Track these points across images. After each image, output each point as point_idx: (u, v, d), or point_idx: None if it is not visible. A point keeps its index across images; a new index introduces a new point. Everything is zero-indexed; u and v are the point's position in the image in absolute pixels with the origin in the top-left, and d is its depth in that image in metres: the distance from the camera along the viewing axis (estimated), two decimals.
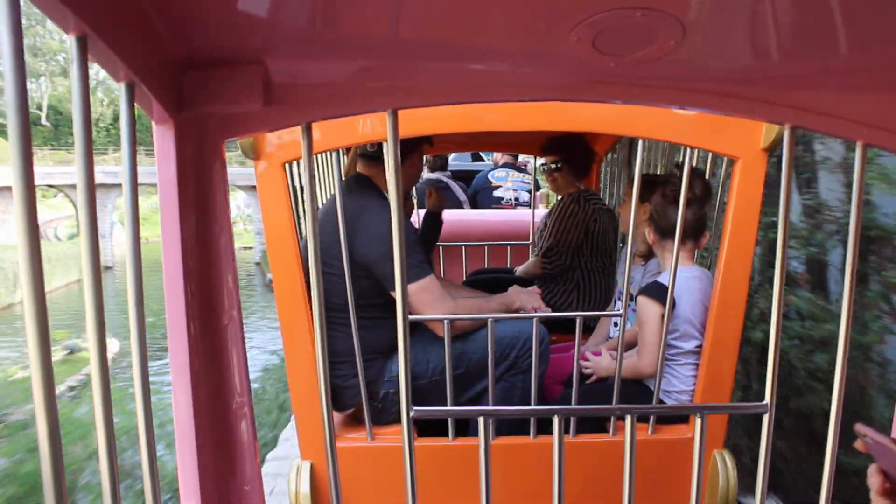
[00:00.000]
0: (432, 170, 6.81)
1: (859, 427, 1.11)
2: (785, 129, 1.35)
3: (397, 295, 1.40)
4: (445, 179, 6.71)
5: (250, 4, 1.08)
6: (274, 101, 1.22)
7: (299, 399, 2.83)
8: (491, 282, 4.34)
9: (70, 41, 0.84)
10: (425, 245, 4.27)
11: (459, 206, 6.66)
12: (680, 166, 2.91)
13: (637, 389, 2.89)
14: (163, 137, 1.18)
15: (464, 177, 7.25)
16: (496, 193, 6.71)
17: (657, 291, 2.82)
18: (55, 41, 58.71)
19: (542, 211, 5.39)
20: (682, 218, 2.53)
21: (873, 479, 1.10)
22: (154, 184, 1.19)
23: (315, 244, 1.34)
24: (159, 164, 1.19)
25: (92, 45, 0.85)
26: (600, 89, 1.33)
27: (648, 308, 2.82)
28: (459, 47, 1.25)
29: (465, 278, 4.91)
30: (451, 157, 8.71)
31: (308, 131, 1.30)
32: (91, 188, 0.89)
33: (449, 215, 6.13)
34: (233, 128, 1.25)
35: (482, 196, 6.83)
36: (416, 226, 4.47)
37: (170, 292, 1.20)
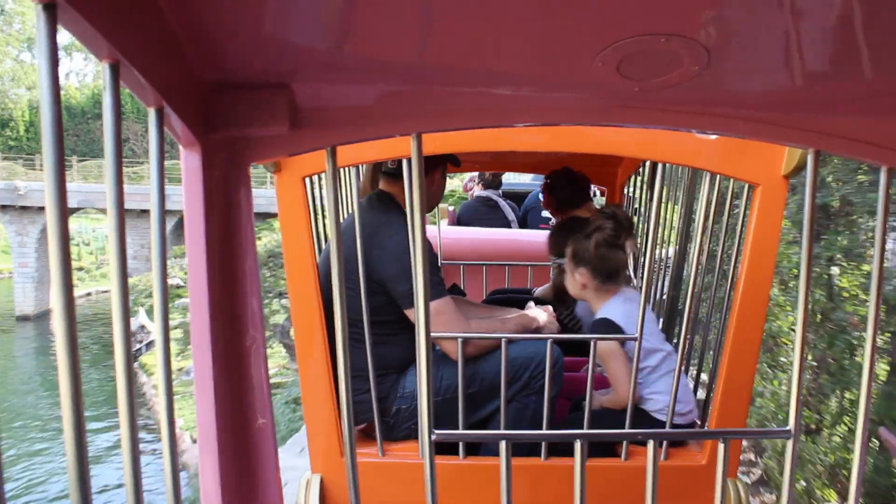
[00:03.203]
0: (485, 187, 6.87)
1: (882, 431, 1.17)
2: (808, 154, 1.35)
3: (417, 316, 1.40)
4: (495, 198, 6.77)
5: (277, 29, 1.09)
6: (300, 124, 1.23)
7: (311, 413, 2.83)
8: (509, 302, 4.36)
9: (103, 68, 0.85)
10: None
11: (507, 225, 6.69)
12: (603, 209, 3.10)
13: (634, 413, 2.90)
14: (189, 161, 1.19)
15: (519, 196, 7.29)
16: (544, 213, 6.71)
17: (607, 328, 2.90)
18: None
19: None
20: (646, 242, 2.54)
21: None
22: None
23: (340, 267, 1.34)
24: (186, 188, 1.19)
25: (123, 72, 0.86)
26: (624, 114, 1.33)
27: (604, 344, 2.88)
28: (484, 72, 1.26)
29: (484, 298, 4.91)
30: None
31: (333, 154, 1.31)
32: (121, 216, 0.89)
33: (470, 233, 6.16)
34: (259, 151, 1.26)
35: (532, 215, 6.87)
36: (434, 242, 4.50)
37: (195, 314, 1.21)
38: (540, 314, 3.11)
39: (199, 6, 1.00)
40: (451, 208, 7.98)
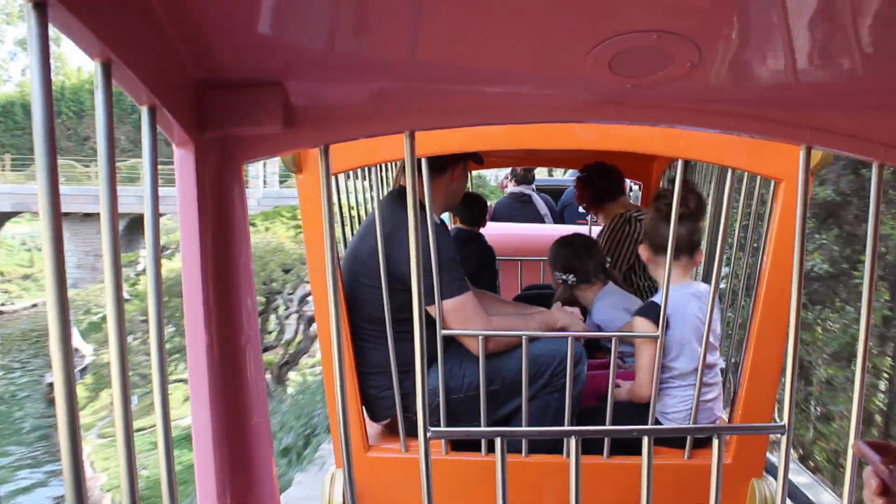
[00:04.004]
0: (518, 183, 6.89)
1: (860, 443, 1.18)
2: (801, 150, 1.34)
3: (414, 316, 1.41)
4: (528, 193, 6.78)
5: (270, 27, 1.09)
6: (294, 123, 1.23)
7: (335, 409, 2.87)
8: (541, 297, 4.36)
9: (95, 67, 0.86)
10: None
11: (540, 219, 6.71)
12: (674, 181, 2.93)
13: (645, 410, 2.87)
14: (183, 159, 1.20)
15: (555, 192, 7.32)
16: (581, 209, 6.72)
17: (652, 311, 2.80)
18: None
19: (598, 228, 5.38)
20: (673, 234, 2.54)
21: (871, 482, 1.17)
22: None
23: (335, 265, 1.36)
24: (179, 186, 1.21)
25: (115, 70, 0.87)
26: (617, 111, 1.33)
27: (642, 328, 2.81)
28: (477, 70, 1.26)
29: (519, 292, 4.91)
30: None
31: (326, 153, 1.32)
32: (114, 217, 0.90)
33: (507, 229, 6.16)
34: (253, 149, 1.27)
35: (569, 211, 6.87)
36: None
37: (189, 313, 1.22)
38: (564, 314, 3.07)
39: (191, 4, 1.01)
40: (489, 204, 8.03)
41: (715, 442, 1.58)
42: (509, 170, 7.13)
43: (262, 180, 31.49)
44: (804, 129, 1.29)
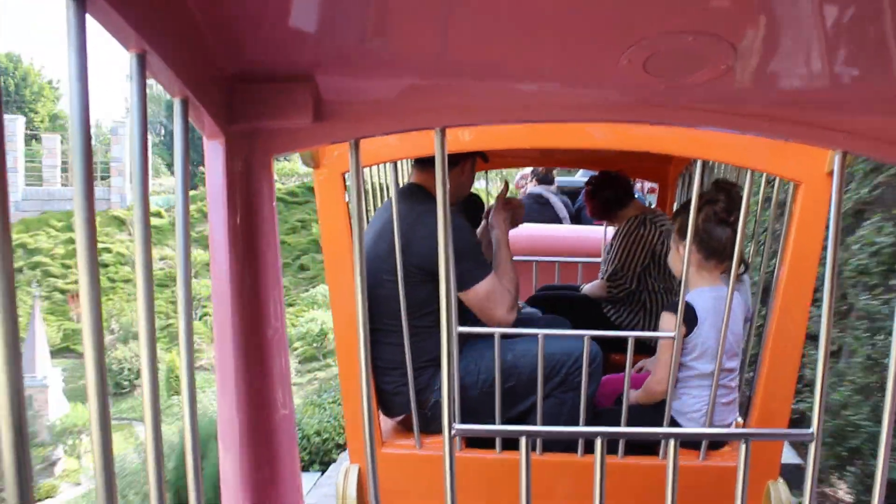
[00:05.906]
0: (539, 183, 6.84)
1: None
2: (836, 154, 1.32)
3: (442, 310, 1.40)
4: (546, 194, 6.72)
5: (302, 22, 1.10)
6: (324, 117, 1.23)
7: (350, 405, 2.88)
8: (556, 297, 4.35)
9: (130, 58, 0.87)
10: None
11: (558, 221, 6.66)
12: (719, 183, 2.89)
13: (661, 411, 2.85)
14: (213, 152, 1.21)
15: (576, 192, 7.28)
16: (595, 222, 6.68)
17: (684, 311, 2.74)
18: None
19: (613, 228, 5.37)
20: (692, 228, 2.54)
21: None
22: None
23: (361, 261, 1.35)
24: (209, 179, 1.21)
25: (150, 62, 0.88)
26: (650, 111, 1.32)
27: (670, 323, 2.77)
28: (510, 67, 1.25)
29: (533, 293, 4.88)
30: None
31: (356, 148, 1.32)
32: (146, 209, 0.91)
33: (519, 229, 6.20)
34: (282, 143, 1.27)
35: (585, 212, 6.82)
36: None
37: (217, 305, 1.23)
38: (496, 219, 3.22)
39: None
40: None
41: (742, 447, 1.57)
42: (529, 170, 7.07)
43: (23, 175, 22.44)
44: (838, 133, 1.28)
